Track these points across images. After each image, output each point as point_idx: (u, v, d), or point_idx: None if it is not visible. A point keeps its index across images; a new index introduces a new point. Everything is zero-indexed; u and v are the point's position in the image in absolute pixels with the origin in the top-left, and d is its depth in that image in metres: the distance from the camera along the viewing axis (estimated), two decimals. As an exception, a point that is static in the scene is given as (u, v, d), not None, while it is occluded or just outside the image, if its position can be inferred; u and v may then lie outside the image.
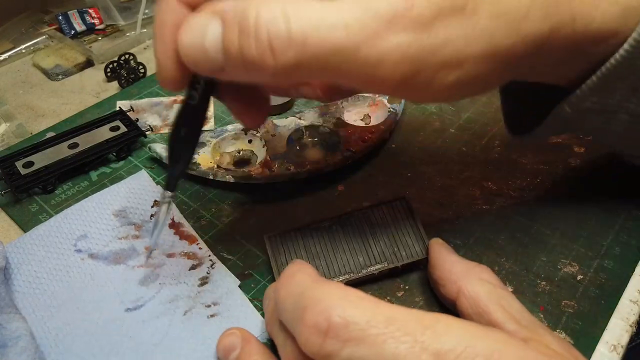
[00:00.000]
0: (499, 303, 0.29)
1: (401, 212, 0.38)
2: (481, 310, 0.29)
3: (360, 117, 0.50)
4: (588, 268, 0.39)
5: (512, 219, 0.42)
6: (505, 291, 0.31)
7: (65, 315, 0.35)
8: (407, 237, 0.37)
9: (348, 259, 0.36)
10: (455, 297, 0.32)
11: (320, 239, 0.37)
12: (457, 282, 0.32)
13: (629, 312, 0.36)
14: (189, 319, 0.35)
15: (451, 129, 0.50)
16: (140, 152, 0.48)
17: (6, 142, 0.49)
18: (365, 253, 0.36)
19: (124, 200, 0.42)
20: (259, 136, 0.47)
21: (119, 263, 0.38)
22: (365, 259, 0.36)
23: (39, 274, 0.37)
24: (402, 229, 0.37)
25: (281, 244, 0.37)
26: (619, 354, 0.34)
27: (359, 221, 0.38)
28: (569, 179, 0.45)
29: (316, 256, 0.36)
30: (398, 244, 0.37)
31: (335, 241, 0.37)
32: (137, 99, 0.54)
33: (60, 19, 0.62)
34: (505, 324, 0.28)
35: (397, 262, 0.36)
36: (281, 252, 0.36)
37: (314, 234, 0.37)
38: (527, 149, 0.48)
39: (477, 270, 0.32)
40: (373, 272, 0.36)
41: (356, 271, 0.36)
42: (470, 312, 0.30)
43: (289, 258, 0.36)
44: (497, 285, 0.31)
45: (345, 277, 0.36)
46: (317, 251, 0.36)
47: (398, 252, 0.36)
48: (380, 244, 0.37)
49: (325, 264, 0.36)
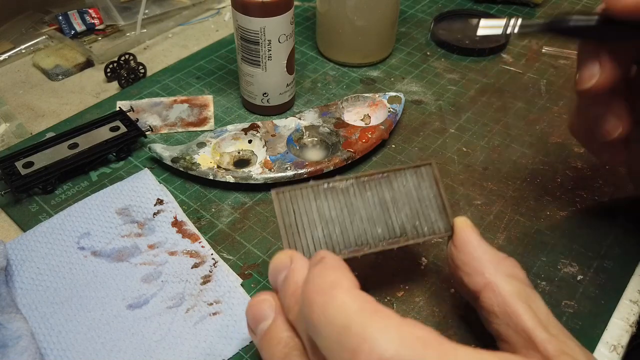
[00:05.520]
0: (528, 305, 0.28)
1: (426, 180, 0.34)
2: (510, 310, 0.28)
3: (360, 117, 0.51)
4: (588, 268, 0.39)
5: (512, 219, 0.42)
6: (533, 291, 0.29)
7: (67, 312, 0.35)
8: (431, 210, 0.33)
9: (366, 229, 0.32)
10: (480, 290, 0.30)
11: (336, 203, 0.32)
12: (485, 274, 0.30)
13: (629, 312, 0.36)
14: (191, 317, 0.35)
15: (451, 129, 0.51)
16: (140, 152, 0.48)
17: (6, 142, 0.49)
18: (385, 224, 0.33)
19: (127, 199, 0.42)
20: (259, 136, 0.47)
21: (122, 260, 0.38)
22: (384, 231, 0.33)
23: (41, 271, 0.37)
24: (426, 200, 0.33)
25: (291, 203, 0.32)
26: (619, 354, 0.34)
27: (379, 186, 0.33)
28: (569, 179, 0.45)
29: (330, 222, 0.32)
30: (420, 217, 0.33)
31: (353, 207, 0.33)
32: (137, 99, 0.54)
33: (60, 19, 0.62)
34: (535, 330, 0.27)
35: (419, 238, 0.33)
36: (290, 213, 0.32)
37: (328, 195, 0.32)
38: (527, 149, 0.48)
39: (507, 263, 0.30)
40: (392, 247, 0.33)
41: (373, 244, 0.32)
42: (495, 310, 0.29)
43: (300, 221, 0.32)
44: (526, 284, 0.30)
45: (361, 249, 0.32)
46: (331, 216, 0.32)
47: (420, 226, 0.33)
48: (402, 215, 0.33)
49: (339, 232, 0.32)
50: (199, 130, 0.50)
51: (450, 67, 0.59)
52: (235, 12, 0.46)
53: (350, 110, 0.51)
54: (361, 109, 0.51)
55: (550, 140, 0.49)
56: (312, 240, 0.32)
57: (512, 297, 0.28)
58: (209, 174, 0.44)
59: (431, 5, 0.69)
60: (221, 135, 0.47)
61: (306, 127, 0.48)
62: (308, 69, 0.58)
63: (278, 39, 0.47)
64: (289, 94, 0.51)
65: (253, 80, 0.49)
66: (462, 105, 0.53)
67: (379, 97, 0.51)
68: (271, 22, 0.45)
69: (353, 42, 0.56)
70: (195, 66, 0.58)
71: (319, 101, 0.54)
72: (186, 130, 0.50)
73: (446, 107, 0.53)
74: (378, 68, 0.58)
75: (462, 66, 0.59)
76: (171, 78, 0.57)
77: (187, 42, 0.63)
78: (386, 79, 0.57)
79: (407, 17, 0.67)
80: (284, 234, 0.32)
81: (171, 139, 0.50)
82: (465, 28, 0.38)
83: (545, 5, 0.69)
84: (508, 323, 0.28)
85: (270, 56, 0.47)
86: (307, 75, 0.57)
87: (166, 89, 0.55)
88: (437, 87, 0.56)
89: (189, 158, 0.45)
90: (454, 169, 0.46)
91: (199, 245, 0.39)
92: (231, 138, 0.47)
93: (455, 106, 0.53)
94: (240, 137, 0.48)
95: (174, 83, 0.56)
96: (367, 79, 0.57)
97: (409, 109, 0.53)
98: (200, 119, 0.52)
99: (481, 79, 0.57)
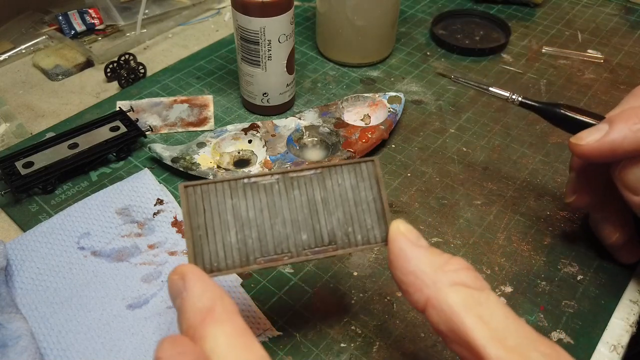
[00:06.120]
0: (477, 315, 0.23)
1: (366, 180, 0.29)
2: (455, 326, 0.24)
3: (360, 117, 0.51)
4: (588, 268, 0.39)
5: (512, 219, 0.42)
6: (485, 294, 0.25)
7: (67, 311, 0.35)
8: (367, 215, 0.29)
9: (288, 235, 0.28)
10: (423, 308, 0.25)
11: (256, 201, 0.28)
12: (424, 289, 0.25)
13: (629, 312, 0.36)
14: (189, 319, 0.35)
15: (451, 129, 0.51)
16: (140, 152, 0.48)
17: (6, 142, 0.49)
18: (312, 229, 0.28)
19: (127, 199, 0.42)
20: (259, 136, 0.47)
21: (122, 260, 0.38)
22: (309, 238, 0.28)
23: (41, 271, 0.37)
24: (363, 203, 0.29)
25: (202, 201, 0.28)
26: (619, 354, 0.34)
27: (310, 184, 0.29)
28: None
29: (246, 224, 0.28)
30: (354, 222, 0.29)
31: (275, 208, 0.28)
32: (137, 99, 0.54)
33: (60, 19, 0.62)
34: (487, 347, 0.22)
35: (349, 248, 0.29)
36: (200, 213, 0.28)
37: (248, 192, 0.28)
38: (527, 149, 0.48)
39: (449, 268, 0.25)
40: (317, 257, 0.29)
41: (296, 253, 0.28)
42: (442, 329, 0.24)
43: (210, 223, 0.28)
44: (475, 287, 0.25)
45: (280, 258, 0.28)
46: (248, 218, 0.28)
47: (352, 233, 0.29)
48: (333, 219, 0.29)
49: (256, 237, 0.28)
50: (199, 130, 0.50)
51: (450, 67, 0.59)
52: (235, 12, 0.46)
53: (350, 110, 0.51)
54: (361, 109, 0.51)
55: (550, 140, 0.49)
56: (223, 246, 0.28)
57: (457, 309, 0.24)
58: (209, 174, 0.44)
59: (431, 5, 0.69)
60: (221, 135, 0.47)
61: (306, 127, 0.48)
62: (308, 69, 0.58)
63: (278, 39, 0.47)
64: (289, 94, 0.51)
65: (253, 80, 0.49)
66: (462, 105, 0.53)
67: (379, 97, 0.51)
68: (271, 22, 0.45)
69: (353, 42, 0.56)
70: (195, 66, 0.58)
71: (319, 101, 0.54)
72: (186, 130, 0.50)
73: (446, 107, 0.53)
74: (378, 68, 0.58)
75: (462, 66, 0.59)
76: (171, 78, 0.57)
77: (187, 42, 0.63)
78: (386, 79, 0.57)
79: (407, 17, 0.67)
80: (189, 239, 0.27)
81: (171, 139, 0.50)
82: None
83: (545, 5, 0.69)
84: (459, 341, 0.24)
85: (270, 56, 0.47)
86: (307, 75, 0.57)
87: (166, 89, 0.55)
88: (437, 87, 0.56)
89: (189, 158, 0.45)
90: (454, 169, 0.46)
91: (199, 245, 0.39)
92: (231, 138, 0.47)
93: (455, 106, 0.53)
94: (240, 137, 0.48)
95: (174, 83, 0.56)
96: (367, 79, 0.57)
97: (409, 109, 0.53)
98: (200, 119, 0.52)
99: (481, 79, 0.57)
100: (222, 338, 0.22)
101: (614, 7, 0.69)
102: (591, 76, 0.57)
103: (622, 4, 0.70)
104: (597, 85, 0.56)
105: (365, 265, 0.39)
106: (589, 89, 0.56)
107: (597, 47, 0.62)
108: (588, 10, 0.68)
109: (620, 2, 0.70)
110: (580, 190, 0.37)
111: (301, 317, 0.36)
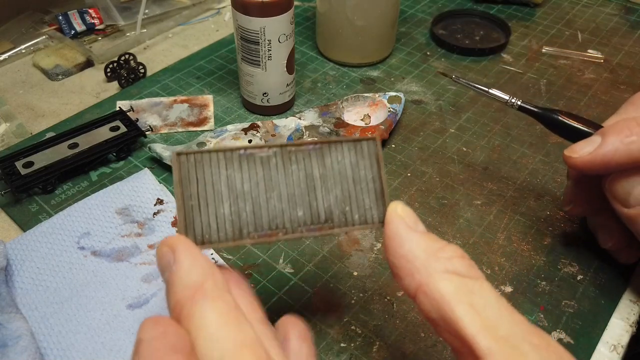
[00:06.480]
0: (469, 303, 0.23)
1: (366, 158, 0.28)
2: (446, 315, 0.23)
3: (360, 117, 0.51)
4: (588, 268, 0.39)
5: (512, 219, 0.42)
6: (479, 282, 0.24)
7: (67, 311, 0.35)
8: (366, 195, 0.28)
9: (284, 210, 0.27)
10: (414, 295, 0.25)
11: (252, 174, 0.27)
12: (415, 275, 0.24)
13: (629, 312, 0.36)
14: (189, 319, 0.35)
15: (451, 129, 0.51)
16: (140, 152, 0.48)
17: (6, 142, 0.49)
18: (308, 206, 0.27)
19: (127, 199, 0.42)
20: (259, 136, 0.47)
21: (122, 260, 0.38)
22: (306, 214, 0.27)
23: (41, 271, 0.37)
24: (362, 182, 0.28)
25: (195, 170, 0.27)
26: (619, 354, 0.34)
27: (308, 159, 0.28)
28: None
29: (241, 196, 0.27)
30: (352, 201, 0.28)
31: (272, 181, 0.27)
32: (137, 99, 0.54)
33: (60, 19, 0.62)
34: (476, 337, 0.22)
35: (346, 227, 0.28)
36: (193, 182, 0.26)
37: (244, 164, 0.27)
38: (527, 149, 0.48)
39: (443, 255, 0.25)
40: (313, 235, 0.28)
41: (291, 229, 0.27)
42: (433, 317, 0.24)
43: (203, 193, 0.27)
44: (468, 275, 0.24)
45: (274, 233, 0.27)
46: (243, 190, 0.27)
47: (350, 212, 0.28)
48: (330, 197, 0.28)
49: (251, 210, 0.27)
50: (199, 130, 0.50)
51: (450, 67, 0.59)
52: (235, 12, 0.46)
53: (350, 110, 0.51)
54: (361, 108, 0.51)
55: (550, 140, 0.49)
56: (216, 217, 0.26)
57: (449, 298, 0.23)
58: (209, 174, 0.44)
59: (431, 5, 0.69)
60: (221, 135, 0.47)
61: (306, 127, 0.48)
62: (308, 69, 0.58)
63: (278, 39, 0.47)
64: (289, 94, 0.51)
65: (253, 80, 0.49)
66: (462, 105, 0.53)
67: (379, 97, 0.51)
68: (271, 22, 0.45)
69: (353, 42, 0.56)
70: (195, 66, 0.58)
71: (319, 101, 0.54)
72: (186, 130, 0.50)
73: (446, 107, 0.53)
74: (378, 68, 0.58)
75: (462, 66, 0.59)
76: (171, 78, 0.57)
77: (187, 42, 0.63)
78: (386, 79, 0.57)
79: (407, 17, 0.67)
80: (180, 209, 0.26)
81: (171, 138, 0.50)
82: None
83: (545, 5, 0.69)
84: (449, 330, 0.23)
85: (270, 56, 0.47)
86: (307, 75, 0.57)
87: (166, 89, 0.55)
88: (437, 87, 0.56)
89: (189, 158, 0.45)
90: (454, 169, 0.46)
91: (199, 245, 0.39)
92: (231, 138, 0.47)
93: (455, 106, 0.53)
94: (240, 137, 0.48)
95: (174, 83, 0.56)
96: (367, 79, 0.57)
97: (409, 109, 0.53)
98: (200, 118, 0.52)
99: (481, 79, 0.57)
100: (212, 316, 0.21)
101: (614, 7, 0.69)
102: (591, 76, 0.57)
103: (622, 4, 0.70)
104: (597, 85, 0.56)
105: (365, 265, 0.39)
106: (589, 89, 0.56)
107: (597, 47, 0.62)
108: (588, 10, 0.69)
109: (620, 2, 0.70)
110: (577, 198, 0.38)
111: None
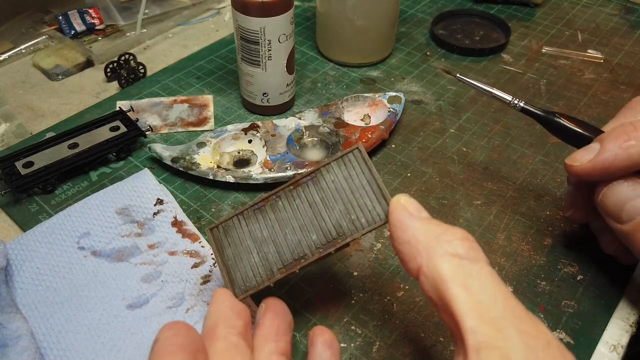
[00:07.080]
0: (464, 285, 0.23)
1: (356, 167, 0.31)
2: (442, 295, 0.24)
3: (360, 117, 0.51)
4: (588, 268, 0.39)
5: (512, 219, 0.42)
6: (479, 266, 0.24)
7: (67, 311, 0.35)
8: (366, 198, 0.30)
9: (300, 239, 0.31)
10: (417, 276, 0.26)
11: (267, 221, 0.32)
12: (417, 257, 0.26)
13: (629, 312, 0.36)
14: (191, 317, 0.35)
15: (451, 129, 0.51)
16: (140, 152, 0.48)
17: (6, 142, 0.49)
18: (319, 228, 0.30)
19: (126, 199, 0.42)
20: (259, 136, 0.47)
21: (122, 260, 0.38)
22: (319, 236, 0.30)
23: (41, 271, 0.37)
24: (360, 188, 0.30)
25: (225, 236, 0.32)
26: (619, 354, 0.34)
27: (307, 189, 0.31)
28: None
29: (264, 242, 0.31)
30: (355, 209, 0.30)
31: (283, 220, 0.31)
32: (137, 99, 0.54)
33: (60, 19, 0.62)
34: (465, 317, 0.23)
35: (357, 233, 0.30)
36: (226, 246, 0.32)
37: (258, 216, 0.32)
38: (527, 149, 0.48)
39: (445, 238, 0.25)
40: (330, 251, 0.30)
41: (310, 253, 0.30)
42: (432, 297, 0.25)
43: (236, 251, 0.32)
44: (468, 258, 0.25)
45: (298, 262, 0.31)
46: (264, 237, 0.31)
47: (357, 219, 0.30)
48: (335, 213, 0.30)
49: (274, 250, 0.31)
50: (199, 130, 0.50)
51: (450, 67, 0.59)
52: (235, 12, 0.46)
53: (350, 110, 0.51)
54: (361, 109, 0.51)
55: (550, 140, 0.49)
56: (250, 267, 0.32)
57: (446, 278, 0.24)
58: (209, 174, 0.44)
59: (431, 5, 0.69)
60: (221, 135, 0.47)
61: (306, 127, 0.48)
62: (308, 69, 0.58)
63: (278, 39, 0.47)
64: (289, 94, 0.51)
65: (253, 80, 0.49)
66: (462, 105, 0.53)
67: (379, 97, 0.51)
68: (271, 22, 0.45)
69: (353, 42, 0.56)
70: (195, 66, 0.58)
71: (319, 101, 0.54)
72: (186, 130, 0.50)
73: (446, 107, 0.53)
74: (378, 68, 0.58)
75: (462, 66, 0.59)
76: (171, 78, 0.57)
77: (187, 42, 0.63)
78: (386, 79, 0.57)
79: (407, 17, 0.67)
80: (223, 271, 0.32)
81: (171, 138, 0.50)
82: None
83: (545, 5, 0.69)
84: (445, 310, 0.24)
85: (270, 56, 0.47)
86: (307, 75, 0.57)
87: (166, 89, 0.55)
88: (437, 87, 0.56)
89: (189, 158, 0.45)
90: (454, 169, 0.46)
91: (199, 245, 0.39)
92: (231, 138, 0.47)
93: (455, 106, 0.53)
94: (240, 137, 0.48)
95: (174, 83, 0.56)
96: (367, 79, 0.57)
97: (409, 109, 0.53)
98: (200, 118, 0.52)
99: (481, 79, 0.57)
100: (214, 351, 0.27)
101: (614, 7, 0.69)
102: (591, 76, 0.57)
103: (622, 4, 0.70)
104: (597, 85, 0.56)
105: (365, 265, 0.39)
106: (589, 89, 0.56)
107: (597, 47, 0.62)
108: (588, 10, 0.69)
109: (620, 2, 0.70)
110: (578, 204, 0.38)
111: (301, 317, 0.36)
